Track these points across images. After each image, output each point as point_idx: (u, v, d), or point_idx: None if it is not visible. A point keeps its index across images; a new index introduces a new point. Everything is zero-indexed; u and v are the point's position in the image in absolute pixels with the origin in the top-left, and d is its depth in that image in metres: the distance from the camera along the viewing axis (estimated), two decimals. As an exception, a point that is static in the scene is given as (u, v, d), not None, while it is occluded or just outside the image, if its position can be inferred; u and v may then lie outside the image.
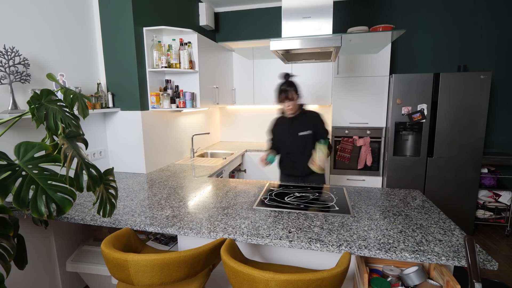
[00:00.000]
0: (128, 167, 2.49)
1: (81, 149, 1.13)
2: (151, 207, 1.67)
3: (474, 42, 3.29)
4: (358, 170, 3.35)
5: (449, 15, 3.30)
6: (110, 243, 1.23)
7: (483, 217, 3.10)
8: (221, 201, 1.75)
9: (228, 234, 1.32)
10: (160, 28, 2.40)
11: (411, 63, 3.49)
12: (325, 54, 2.22)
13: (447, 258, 1.11)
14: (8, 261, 1.04)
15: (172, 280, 1.16)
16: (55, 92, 1.27)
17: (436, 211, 1.57)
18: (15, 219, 1.22)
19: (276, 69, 3.59)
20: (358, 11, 3.52)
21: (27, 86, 1.75)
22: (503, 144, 3.36)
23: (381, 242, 1.24)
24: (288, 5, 2.02)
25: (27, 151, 1.04)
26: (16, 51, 1.62)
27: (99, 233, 1.98)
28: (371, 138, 3.26)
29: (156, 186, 2.08)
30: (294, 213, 1.56)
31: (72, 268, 1.80)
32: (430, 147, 3.00)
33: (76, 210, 1.61)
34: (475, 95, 2.82)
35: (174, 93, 2.64)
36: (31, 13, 1.80)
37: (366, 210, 1.59)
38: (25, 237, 1.71)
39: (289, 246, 1.26)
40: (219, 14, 3.93)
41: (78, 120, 1.26)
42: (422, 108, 2.94)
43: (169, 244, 1.80)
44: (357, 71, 3.23)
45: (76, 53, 2.14)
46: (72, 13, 2.10)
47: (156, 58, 2.43)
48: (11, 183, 0.97)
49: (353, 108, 3.29)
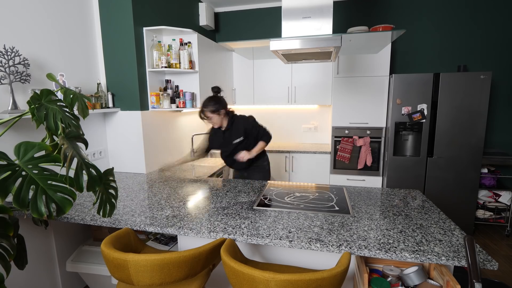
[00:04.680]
0: (128, 167, 2.49)
1: (81, 149, 1.13)
2: (151, 207, 1.67)
3: (474, 42, 3.29)
4: (358, 170, 3.35)
5: (449, 15, 3.30)
6: (110, 243, 1.23)
7: (483, 217, 3.10)
8: (221, 201, 1.75)
9: (228, 234, 1.32)
10: (160, 28, 2.40)
11: (411, 63, 3.49)
12: (325, 54, 2.22)
13: (447, 258, 1.11)
14: (8, 261, 1.04)
15: (172, 280, 1.16)
16: (55, 92, 1.27)
17: (436, 211, 1.57)
18: (15, 219, 1.22)
19: (276, 69, 3.60)
20: (358, 11, 3.51)
21: (27, 86, 1.75)
22: (503, 144, 3.36)
23: (381, 242, 1.24)
24: (288, 5, 2.02)
25: (27, 151, 1.04)
26: (16, 51, 1.62)
27: (99, 233, 1.98)
28: (371, 138, 3.26)
29: (156, 186, 2.08)
30: (294, 213, 1.56)
31: (72, 268, 1.80)
32: (430, 147, 3.00)
33: (76, 210, 1.61)
34: (475, 95, 2.82)
35: (174, 93, 2.64)
36: (31, 13, 1.80)
37: (366, 210, 1.59)
38: (25, 237, 1.71)
39: (289, 246, 1.26)
40: (219, 14, 3.93)
41: (78, 120, 1.26)
42: (422, 108, 2.94)
43: (169, 244, 1.80)
44: (357, 71, 3.23)
45: (76, 53, 2.14)
46: (72, 13, 2.10)
47: (156, 58, 2.43)
48: (11, 183, 0.97)
49: (353, 108, 3.29)
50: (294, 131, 3.99)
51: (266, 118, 4.05)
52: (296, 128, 3.98)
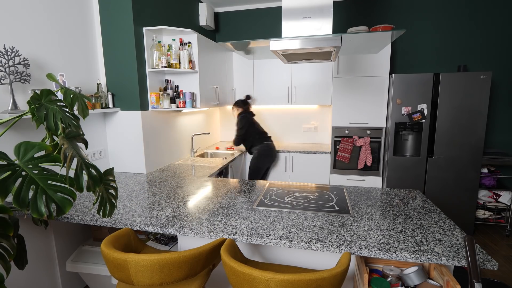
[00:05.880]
0: (128, 167, 2.49)
1: (81, 149, 1.13)
2: (151, 207, 1.67)
3: (474, 42, 3.29)
4: (358, 170, 3.35)
5: (449, 15, 3.30)
6: (110, 243, 1.23)
7: (483, 217, 3.10)
8: (221, 201, 1.75)
9: (228, 234, 1.32)
10: (160, 28, 2.40)
11: (411, 63, 3.49)
12: (325, 54, 2.22)
13: (447, 258, 1.11)
14: (8, 261, 1.04)
15: (172, 280, 1.16)
16: (55, 92, 1.27)
17: (436, 211, 1.57)
18: (15, 219, 1.22)
19: (276, 69, 3.60)
20: (358, 11, 3.52)
21: (27, 86, 1.75)
22: (503, 144, 3.36)
23: (381, 242, 1.24)
24: (288, 5, 2.02)
25: (27, 151, 1.04)
26: (16, 51, 1.62)
27: (99, 233, 1.98)
28: (371, 138, 3.26)
29: (156, 186, 2.08)
30: (294, 213, 1.56)
31: (72, 268, 1.80)
32: (430, 147, 3.00)
33: (76, 210, 1.61)
34: (475, 95, 2.82)
35: (174, 93, 2.64)
36: (31, 13, 1.80)
37: (366, 210, 1.59)
38: (25, 237, 1.72)
39: (289, 246, 1.26)
40: (219, 14, 3.93)
41: (78, 120, 1.26)
42: (422, 108, 2.94)
43: (169, 244, 1.80)
44: (357, 71, 3.23)
45: (76, 53, 2.14)
46: (72, 13, 2.10)
47: (156, 58, 2.43)
48: (11, 183, 0.97)
49: (353, 108, 3.29)
50: (294, 131, 3.99)
51: (266, 118, 4.05)
52: (296, 128, 3.98)
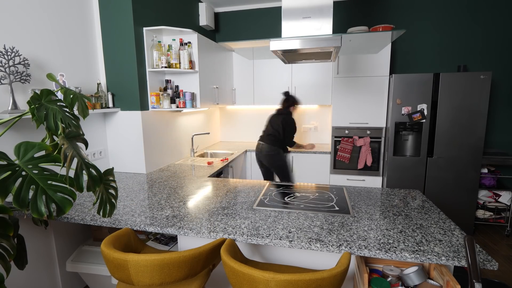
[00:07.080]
0: (128, 167, 2.49)
1: (81, 149, 1.13)
2: (151, 207, 1.67)
3: (474, 42, 3.29)
4: (358, 170, 3.35)
5: (449, 15, 3.30)
6: (110, 243, 1.23)
7: (483, 217, 3.10)
8: (221, 201, 1.75)
9: (228, 234, 1.32)
10: (160, 28, 2.40)
11: (411, 63, 3.49)
12: (325, 54, 2.22)
13: (447, 258, 1.11)
14: (8, 261, 1.04)
15: (172, 280, 1.16)
16: (55, 92, 1.27)
17: (436, 211, 1.57)
18: (15, 219, 1.22)
19: (276, 69, 3.60)
20: (358, 11, 3.51)
21: (27, 86, 1.75)
22: (503, 144, 3.36)
23: (381, 242, 1.24)
24: (288, 5, 2.02)
25: (27, 151, 1.04)
26: (16, 51, 1.62)
27: (99, 233, 1.98)
28: (371, 138, 3.26)
29: (156, 186, 2.08)
30: (294, 213, 1.56)
31: (72, 268, 1.80)
32: (430, 147, 3.00)
33: (76, 210, 1.61)
34: (475, 95, 2.82)
35: (174, 93, 2.64)
36: (31, 13, 1.80)
37: (366, 210, 1.59)
38: (25, 237, 1.72)
39: (289, 246, 1.26)
40: (219, 14, 3.93)
41: (78, 120, 1.26)
42: (422, 108, 2.94)
43: (169, 244, 1.80)
44: (357, 71, 3.23)
45: (76, 53, 2.14)
46: (72, 13, 2.10)
47: (156, 58, 2.43)
48: (11, 183, 0.97)
49: (353, 108, 3.29)
50: (294, 131, 3.99)
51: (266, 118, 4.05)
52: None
